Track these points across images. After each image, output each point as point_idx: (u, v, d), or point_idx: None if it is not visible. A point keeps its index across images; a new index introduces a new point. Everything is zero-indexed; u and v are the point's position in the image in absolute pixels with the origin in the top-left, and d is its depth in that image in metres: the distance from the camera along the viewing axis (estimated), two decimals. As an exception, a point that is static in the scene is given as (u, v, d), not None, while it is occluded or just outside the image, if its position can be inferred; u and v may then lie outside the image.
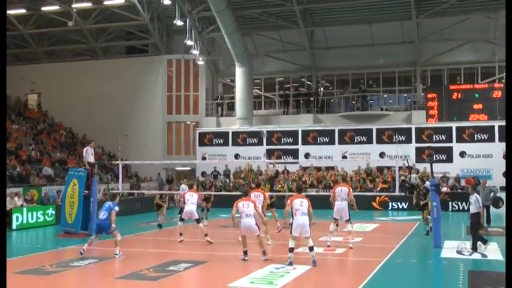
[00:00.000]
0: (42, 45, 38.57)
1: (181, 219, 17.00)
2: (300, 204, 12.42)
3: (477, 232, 14.95)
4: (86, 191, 18.84)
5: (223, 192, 28.28)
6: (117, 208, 14.03)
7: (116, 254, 13.77)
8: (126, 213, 24.98)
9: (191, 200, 16.28)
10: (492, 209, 25.23)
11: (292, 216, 12.53)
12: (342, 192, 15.41)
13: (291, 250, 12.25)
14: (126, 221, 21.23)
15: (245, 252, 13.11)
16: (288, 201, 12.85)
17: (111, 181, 29.43)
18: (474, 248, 14.78)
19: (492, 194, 20.72)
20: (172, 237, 17.58)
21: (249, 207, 12.94)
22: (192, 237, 17.05)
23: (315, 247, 12.54)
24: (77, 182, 18.89)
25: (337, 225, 16.23)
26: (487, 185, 20.73)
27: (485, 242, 15.16)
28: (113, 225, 13.78)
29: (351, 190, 15.98)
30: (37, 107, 39.08)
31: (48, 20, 35.53)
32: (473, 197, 14.99)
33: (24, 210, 21.01)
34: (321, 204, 27.99)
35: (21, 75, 37.21)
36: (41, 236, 20.03)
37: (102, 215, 13.93)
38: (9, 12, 32.63)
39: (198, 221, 16.39)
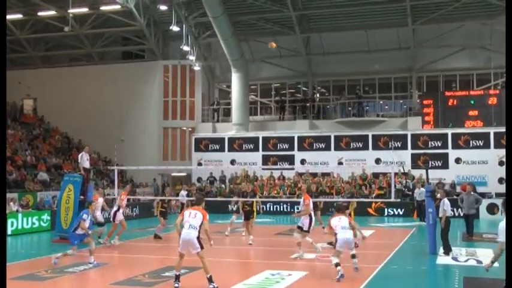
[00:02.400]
0: (38, 50, 38.55)
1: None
2: (339, 220, 12.05)
3: (446, 236, 15.15)
4: (82, 197, 18.80)
5: (219, 198, 28.28)
6: (85, 216, 13.74)
7: (89, 263, 13.39)
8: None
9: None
10: (487, 216, 25.34)
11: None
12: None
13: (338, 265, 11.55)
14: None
15: (177, 277, 10.71)
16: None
17: (106, 186, 29.36)
18: (446, 252, 14.89)
19: (478, 202, 19.25)
20: (168, 243, 17.51)
21: (196, 218, 10.63)
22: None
23: (310, 253, 12.46)
24: (73, 188, 18.84)
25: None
26: (472, 193, 19.33)
27: (448, 250, 15.12)
28: (88, 237, 13.64)
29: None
30: (33, 112, 39.00)
31: (44, 25, 35.50)
32: (443, 201, 15.21)
33: (20, 215, 20.95)
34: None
35: (17, 80, 37.15)
36: (36, 241, 19.99)
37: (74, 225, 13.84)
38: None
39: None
